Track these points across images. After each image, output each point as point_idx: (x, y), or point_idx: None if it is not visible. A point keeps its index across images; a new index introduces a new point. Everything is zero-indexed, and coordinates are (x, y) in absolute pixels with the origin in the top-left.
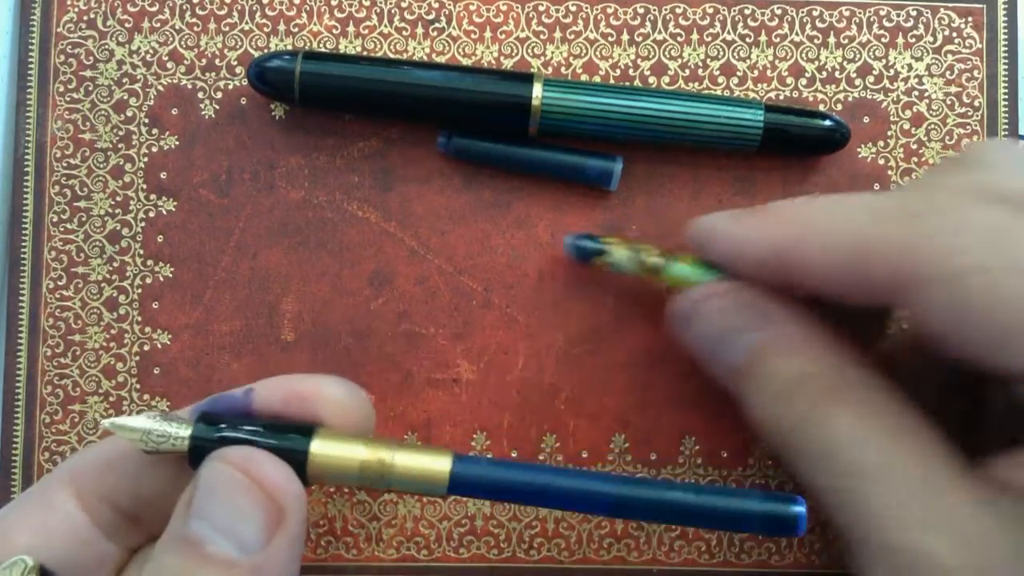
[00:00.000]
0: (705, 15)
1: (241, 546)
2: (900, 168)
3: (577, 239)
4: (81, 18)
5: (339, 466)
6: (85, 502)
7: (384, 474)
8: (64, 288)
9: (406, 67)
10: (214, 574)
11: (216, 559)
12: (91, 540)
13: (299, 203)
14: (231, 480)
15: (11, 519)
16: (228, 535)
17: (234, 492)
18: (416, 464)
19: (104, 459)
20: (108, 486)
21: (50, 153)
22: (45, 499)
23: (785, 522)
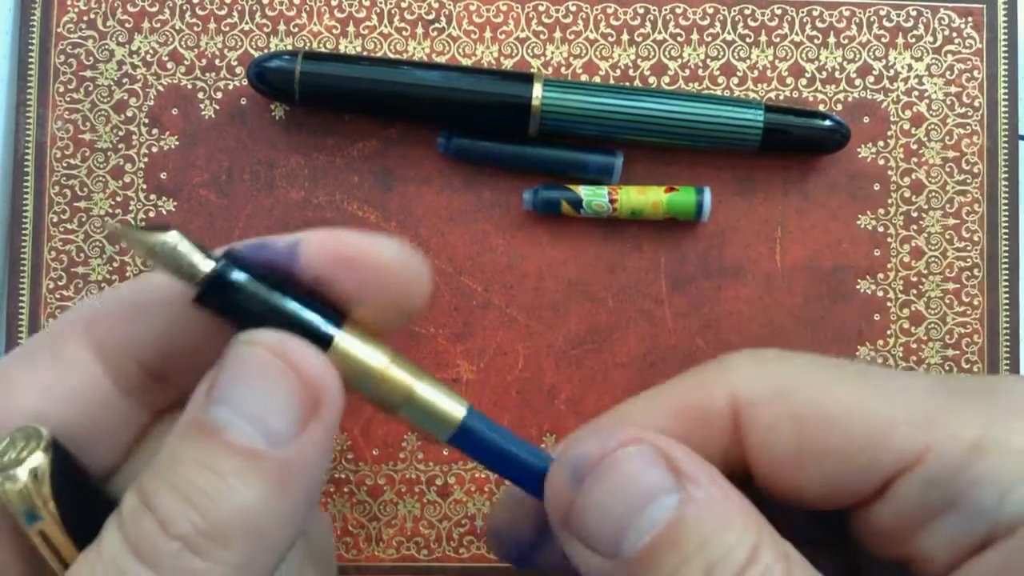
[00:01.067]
0: (705, 15)
1: (269, 436)
2: (900, 168)
3: (538, 190)
4: (81, 18)
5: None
6: (105, 356)
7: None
8: (64, 288)
9: (406, 67)
10: (237, 465)
11: (240, 449)
12: (111, 401)
13: (299, 203)
14: (262, 362)
15: (15, 375)
16: (255, 423)
17: (265, 376)
18: (435, 399)
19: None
20: (133, 338)
21: (50, 153)
22: (56, 352)
23: None
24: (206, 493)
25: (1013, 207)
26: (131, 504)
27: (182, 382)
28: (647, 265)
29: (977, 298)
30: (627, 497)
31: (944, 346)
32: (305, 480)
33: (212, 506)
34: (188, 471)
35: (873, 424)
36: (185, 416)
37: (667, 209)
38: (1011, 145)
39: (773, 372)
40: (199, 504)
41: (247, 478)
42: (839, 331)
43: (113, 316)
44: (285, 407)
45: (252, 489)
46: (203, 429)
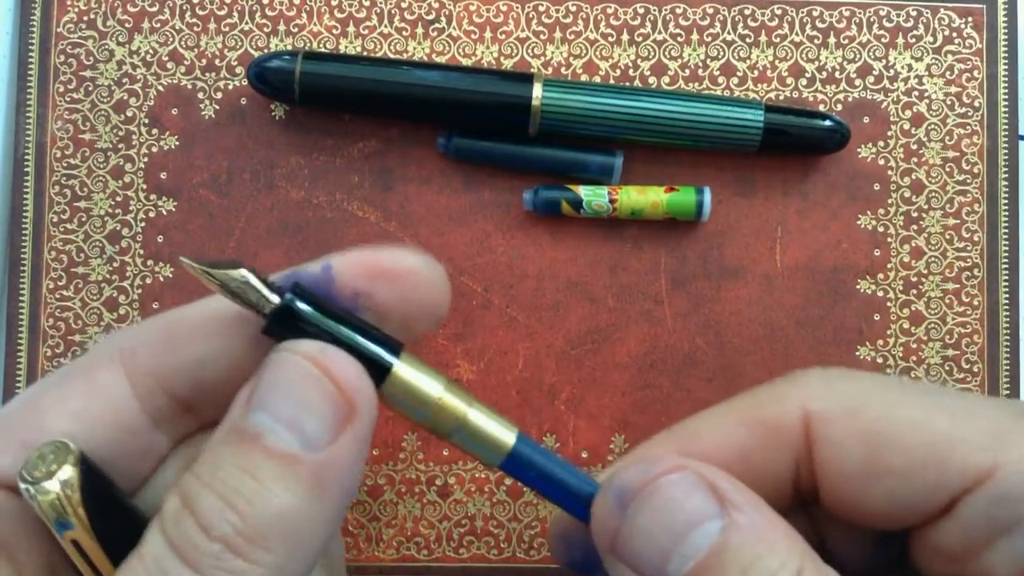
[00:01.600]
0: (705, 15)
1: (305, 441)
2: (900, 168)
3: (538, 190)
4: (81, 18)
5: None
6: (137, 386)
7: (454, 421)
8: (64, 288)
9: (406, 67)
10: (274, 469)
11: (277, 453)
12: (139, 429)
13: (299, 203)
14: (300, 370)
15: (49, 398)
16: (291, 428)
17: (302, 383)
18: (486, 426)
19: (164, 338)
20: (166, 369)
21: (50, 153)
22: (90, 379)
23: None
24: (246, 496)
25: (1013, 207)
26: (173, 506)
27: (207, 413)
28: (647, 265)
29: (977, 298)
30: (671, 523)
31: (944, 346)
32: (340, 484)
33: (252, 509)
34: (228, 475)
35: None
36: (226, 422)
37: (667, 209)
38: (1011, 145)
39: (844, 390)
40: (239, 507)
41: (285, 482)
42: (839, 331)
43: (148, 347)
44: (321, 413)
45: (290, 493)
46: (243, 434)
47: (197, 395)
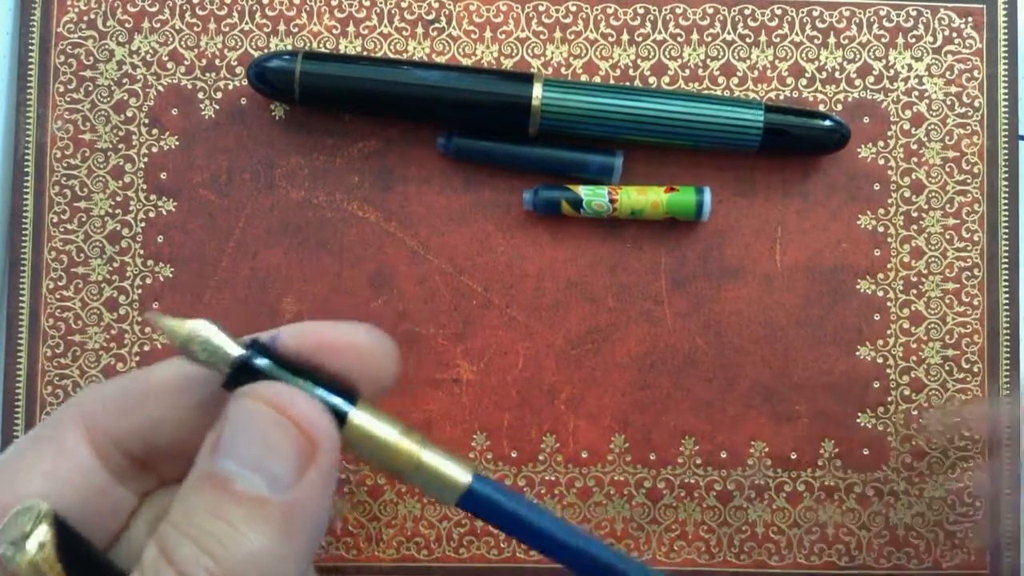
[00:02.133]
0: (705, 15)
1: (272, 483)
2: (900, 168)
3: (538, 190)
4: (81, 18)
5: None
6: (98, 446)
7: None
8: (64, 288)
9: (406, 67)
10: (244, 513)
11: (245, 497)
12: (105, 487)
13: (299, 203)
14: (260, 415)
15: (18, 464)
16: (258, 471)
17: (264, 427)
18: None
19: (120, 401)
20: (123, 430)
21: (50, 153)
22: (55, 442)
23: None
24: (219, 541)
25: (1013, 207)
26: (151, 556)
27: (164, 470)
28: (647, 265)
29: (977, 298)
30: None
31: (944, 346)
32: (308, 522)
33: (225, 553)
34: (202, 520)
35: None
36: (195, 469)
37: (667, 209)
38: (1011, 145)
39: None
40: (214, 552)
41: (255, 524)
42: (839, 331)
43: (107, 411)
44: (285, 454)
45: (260, 534)
46: (212, 480)
47: (152, 454)
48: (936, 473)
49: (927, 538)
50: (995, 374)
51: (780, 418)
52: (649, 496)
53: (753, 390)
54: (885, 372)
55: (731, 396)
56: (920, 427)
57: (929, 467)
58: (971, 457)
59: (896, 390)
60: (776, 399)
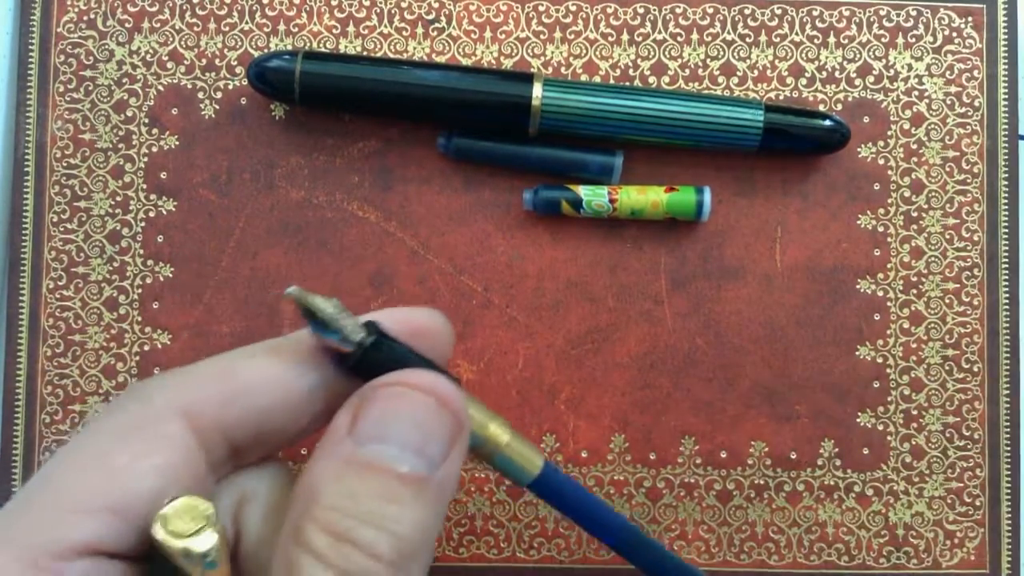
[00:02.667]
0: (705, 15)
1: (430, 464)
2: (900, 168)
3: (538, 190)
4: (81, 18)
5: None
6: (203, 437)
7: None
8: (64, 288)
9: (406, 67)
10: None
11: (411, 478)
12: (203, 477)
13: (299, 203)
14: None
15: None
16: (419, 455)
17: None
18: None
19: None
20: (231, 420)
21: (50, 153)
22: (160, 434)
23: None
24: (396, 520)
25: (1013, 207)
26: (325, 542)
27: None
28: (647, 265)
29: (977, 298)
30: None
31: (944, 346)
32: (452, 492)
33: (403, 529)
34: (372, 504)
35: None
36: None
37: (667, 209)
38: (1011, 145)
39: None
40: (395, 530)
41: (421, 501)
42: (839, 331)
43: (213, 401)
44: (440, 436)
45: (425, 508)
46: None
47: (256, 442)
48: (936, 473)
49: (927, 538)
50: (995, 374)
51: (780, 418)
52: (649, 496)
53: (753, 390)
54: (885, 372)
55: (731, 396)
56: None
57: (929, 467)
58: (971, 457)
59: (896, 390)
60: (776, 399)
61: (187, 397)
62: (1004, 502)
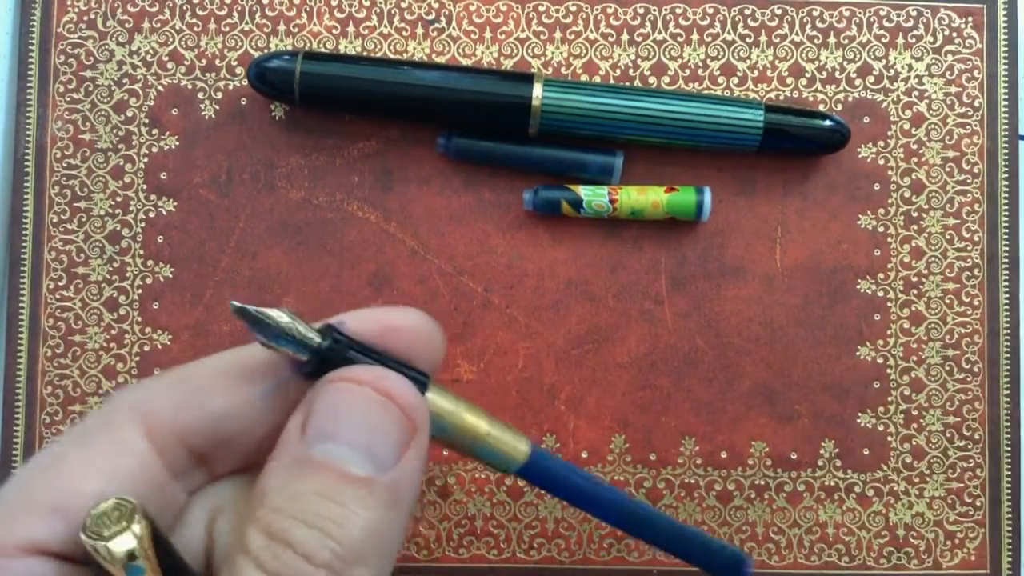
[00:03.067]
0: (705, 15)
1: (378, 464)
2: (900, 168)
3: (538, 190)
4: (81, 18)
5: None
6: (157, 442)
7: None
8: (64, 288)
9: (406, 67)
10: (355, 493)
11: (355, 478)
12: (162, 484)
13: (299, 203)
14: (364, 398)
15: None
16: (365, 454)
17: (369, 410)
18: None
19: (178, 395)
20: (185, 424)
21: (50, 153)
22: (113, 437)
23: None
24: (336, 522)
25: (1013, 207)
26: (260, 542)
27: (221, 463)
28: (647, 265)
29: (977, 298)
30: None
31: (944, 346)
32: (409, 495)
33: (344, 533)
34: (312, 504)
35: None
36: (282, 456)
37: (667, 209)
38: (1011, 145)
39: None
40: (333, 532)
41: (367, 502)
42: (839, 331)
43: (167, 405)
44: (389, 435)
45: (372, 511)
46: (312, 463)
47: (214, 447)
48: (936, 473)
49: (927, 538)
50: (995, 374)
51: (780, 418)
52: (649, 496)
53: (753, 390)
54: (885, 372)
55: (731, 396)
56: None
57: (929, 467)
58: (971, 457)
59: (896, 390)
60: (776, 399)
61: (142, 402)
62: (1004, 502)
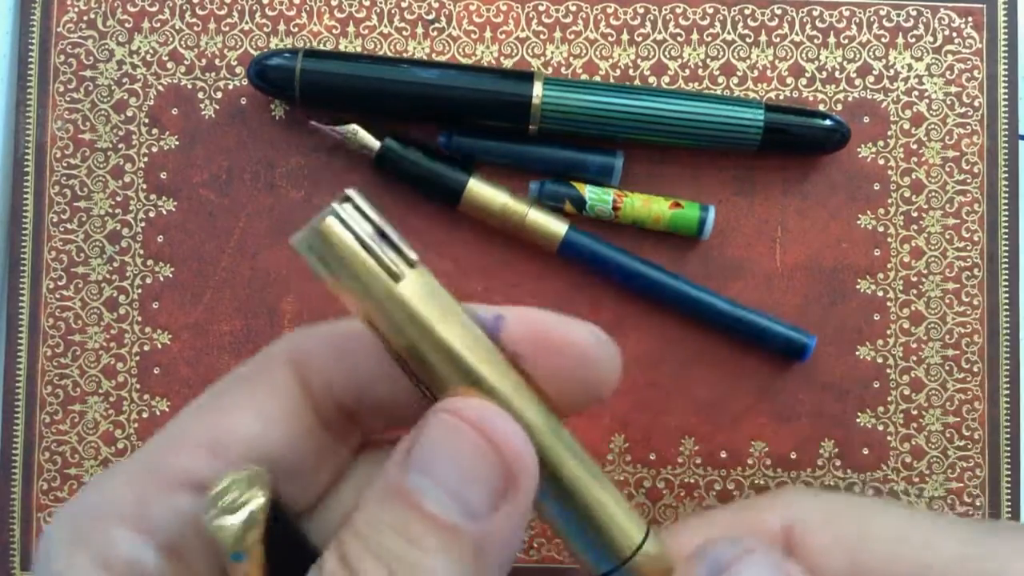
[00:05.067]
0: (705, 15)
1: (467, 512)
2: (900, 168)
3: (545, 184)
4: (81, 18)
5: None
6: (310, 389)
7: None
8: (64, 288)
9: (407, 65)
10: (435, 540)
11: (438, 521)
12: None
13: (299, 203)
14: (462, 436)
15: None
16: (454, 497)
17: (465, 450)
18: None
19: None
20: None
21: (50, 153)
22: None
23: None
24: (406, 565)
25: (1013, 207)
26: (332, 566)
27: (372, 426)
28: None
29: (977, 298)
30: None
31: (944, 346)
32: (499, 555)
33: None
34: (389, 540)
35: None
36: (384, 478)
37: (669, 224)
38: (1011, 145)
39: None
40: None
41: (447, 554)
42: (839, 331)
43: (322, 354)
44: (483, 483)
45: (449, 564)
46: (402, 495)
47: (364, 408)
48: (936, 473)
49: None
50: (995, 374)
51: (780, 418)
52: (649, 496)
53: (753, 390)
54: (885, 372)
55: (731, 396)
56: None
57: (929, 467)
58: (971, 457)
59: (896, 390)
60: (776, 399)
61: (297, 350)
62: (1004, 503)
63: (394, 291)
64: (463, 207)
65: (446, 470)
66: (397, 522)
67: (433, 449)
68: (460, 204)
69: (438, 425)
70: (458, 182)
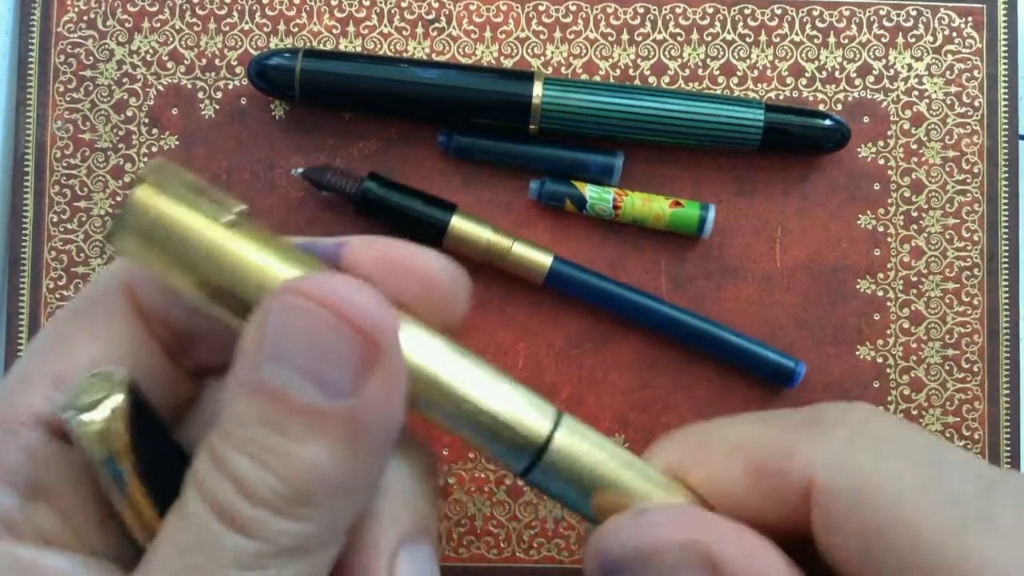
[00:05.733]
0: (705, 15)
1: (328, 392)
2: (900, 168)
3: (545, 183)
4: (81, 18)
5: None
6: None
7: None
8: (64, 288)
9: (407, 65)
10: (302, 424)
11: (302, 407)
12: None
13: (299, 203)
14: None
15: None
16: (314, 379)
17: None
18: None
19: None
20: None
21: (50, 153)
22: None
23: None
24: (279, 455)
25: (1013, 207)
26: (205, 467)
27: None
28: (647, 265)
29: (977, 298)
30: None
31: (944, 346)
32: (375, 431)
33: (288, 469)
34: (256, 433)
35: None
36: (237, 371)
37: (669, 223)
38: (1011, 145)
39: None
40: (276, 468)
41: (316, 436)
42: (839, 331)
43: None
44: (343, 358)
45: (323, 446)
46: (262, 387)
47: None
48: None
49: None
50: (995, 374)
51: None
52: None
53: (753, 390)
54: (885, 372)
55: (731, 396)
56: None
57: None
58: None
59: (896, 390)
60: (776, 399)
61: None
62: None
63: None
64: (447, 243)
65: (301, 353)
66: (263, 415)
67: (284, 334)
68: (444, 240)
69: (284, 309)
70: (441, 221)
